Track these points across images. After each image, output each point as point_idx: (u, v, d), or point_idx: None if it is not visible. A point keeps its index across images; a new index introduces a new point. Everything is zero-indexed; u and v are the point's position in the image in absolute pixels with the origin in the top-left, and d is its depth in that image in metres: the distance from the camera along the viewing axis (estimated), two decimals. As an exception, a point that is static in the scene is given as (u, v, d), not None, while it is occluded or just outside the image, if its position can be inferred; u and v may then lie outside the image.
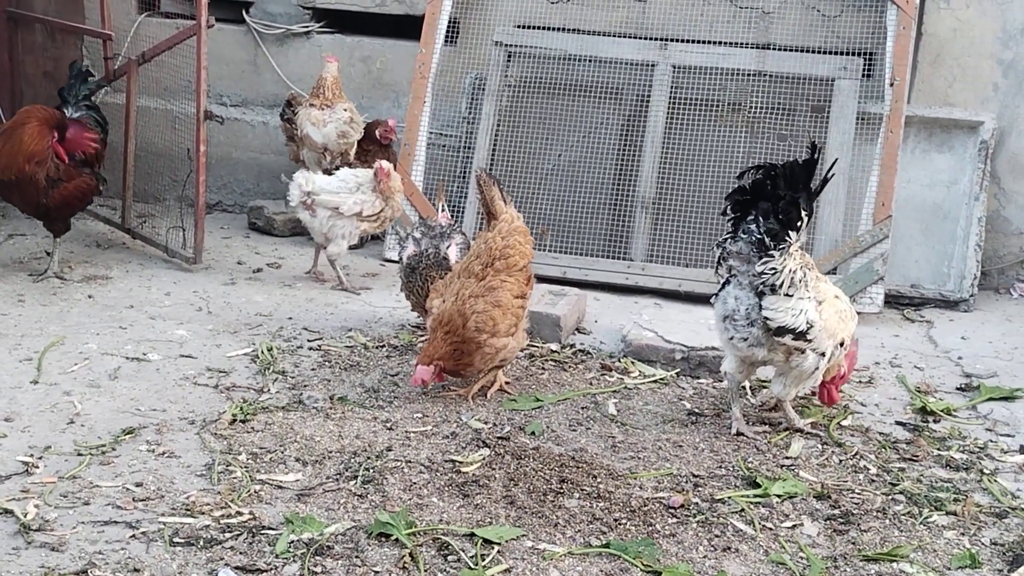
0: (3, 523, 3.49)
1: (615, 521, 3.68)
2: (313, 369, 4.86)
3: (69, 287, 5.75)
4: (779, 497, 3.90)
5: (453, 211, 6.30)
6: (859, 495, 3.97)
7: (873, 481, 4.09)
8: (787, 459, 4.23)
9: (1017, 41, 6.36)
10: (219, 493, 3.73)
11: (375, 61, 7.18)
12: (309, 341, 5.19)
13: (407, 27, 7.01)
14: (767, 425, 4.50)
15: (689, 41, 6.45)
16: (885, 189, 5.98)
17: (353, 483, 3.83)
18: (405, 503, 3.72)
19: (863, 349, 5.31)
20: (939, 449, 4.38)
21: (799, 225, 4.13)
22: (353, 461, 3.99)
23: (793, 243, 4.14)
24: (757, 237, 4.09)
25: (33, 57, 7.28)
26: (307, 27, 7.23)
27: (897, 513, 3.86)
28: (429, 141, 6.62)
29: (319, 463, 3.98)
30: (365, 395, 4.60)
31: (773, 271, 4.12)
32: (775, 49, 6.37)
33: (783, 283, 4.14)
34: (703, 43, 6.43)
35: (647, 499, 3.83)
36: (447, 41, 6.68)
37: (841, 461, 4.24)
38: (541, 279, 5.17)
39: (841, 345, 4.36)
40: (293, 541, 3.45)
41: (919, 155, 6.38)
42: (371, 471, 3.92)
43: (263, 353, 4.96)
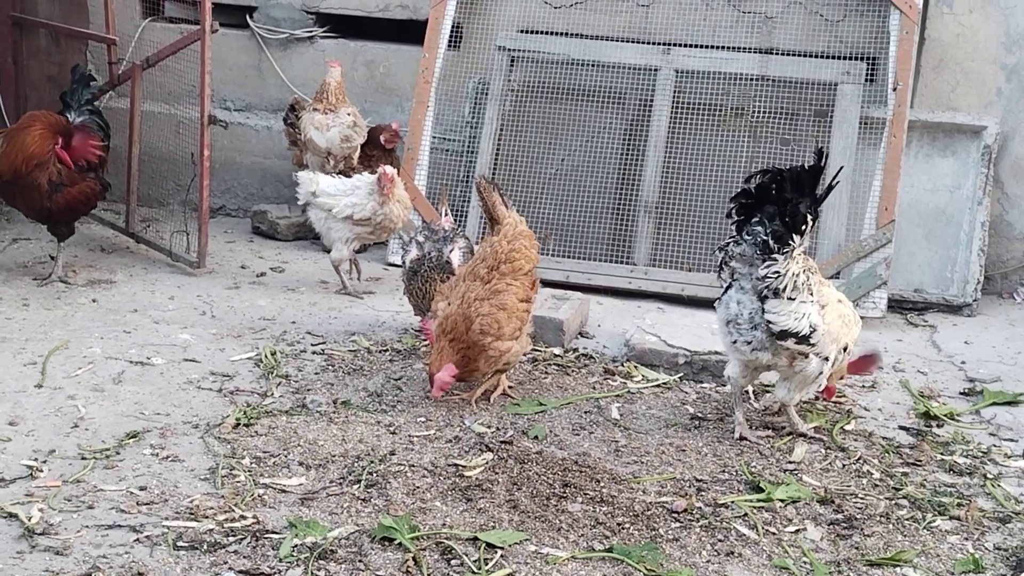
0: (7, 527, 3.50)
1: (618, 525, 3.68)
2: (316, 373, 4.86)
3: (73, 291, 5.76)
4: (782, 502, 3.90)
5: (456, 215, 6.30)
6: (862, 500, 3.96)
7: (876, 486, 4.09)
8: (790, 463, 4.22)
9: (1020, 46, 6.36)
10: (223, 497, 3.73)
11: (378, 66, 7.19)
12: (312, 345, 5.20)
13: (410, 32, 7.02)
14: (770, 429, 4.50)
15: (692, 46, 6.45)
16: (888, 193, 5.98)
17: (356, 487, 3.84)
18: (408, 507, 3.72)
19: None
20: (942, 454, 4.38)
21: (804, 229, 4.13)
22: (356, 465, 3.99)
23: (796, 247, 4.14)
24: (762, 239, 4.09)
25: (37, 62, 7.31)
26: (311, 32, 7.24)
27: (900, 518, 3.85)
28: (432, 145, 6.62)
29: (322, 467, 3.98)
30: (368, 399, 4.61)
31: (776, 274, 4.12)
32: (778, 54, 6.37)
33: (786, 287, 4.13)
34: (706, 48, 6.43)
35: (650, 503, 3.83)
36: (451, 46, 6.68)
37: (844, 466, 4.24)
38: (544, 283, 5.16)
39: (844, 350, 4.36)
40: (296, 545, 3.45)
41: (922, 160, 6.38)
42: (374, 475, 3.92)
43: (267, 357, 4.97)
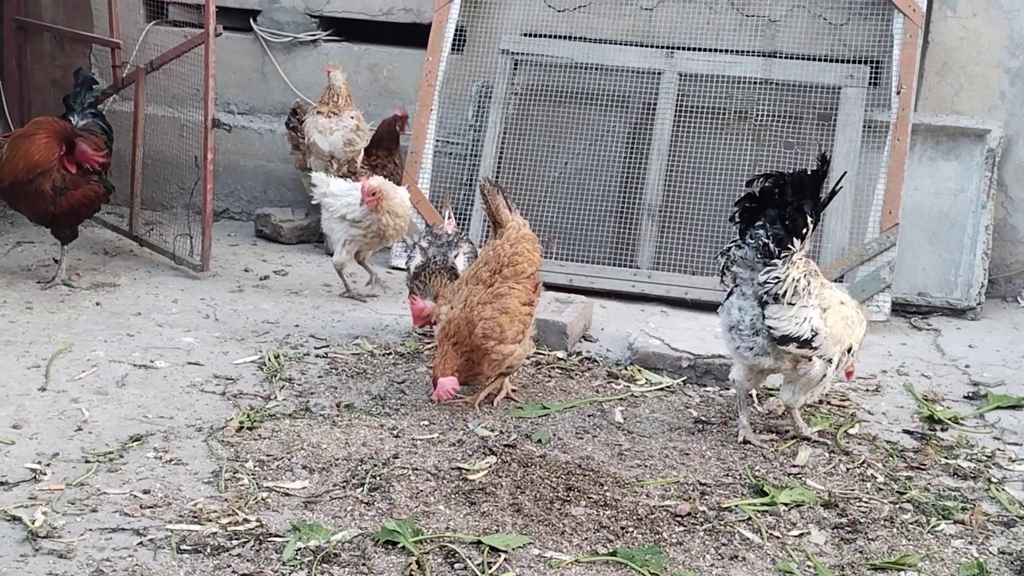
0: (11, 530, 3.50)
1: (622, 529, 3.68)
2: (320, 376, 4.86)
3: (77, 294, 5.77)
4: (786, 505, 3.89)
5: (460, 219, 6.32)
6: (866, 504, 3.96)
7: (880, 490, 4.08)
8: (794, 467, 4.22)
9: (1024, 50, 6.37)
10: (226, 500, 3.73)
11: (382, 69, 7.20)
12: (316, 348, 5.20)
13: (414, 35, 7.02)
14: (774, 433, 4.50)
15: (695, 49, 6.45)
16: (892, 197, 5.97)
17: (360, 491, 3.84)
18: (412, 511, 3.72)
19: (870, 357, 5.32)
20: (947, 458, 4.38)
21: (804, 233, 4.13)
22: (360, 468, 3.99)
23: (797, 251, 4.14)
24: (763, 242, 4.09)
25: (41, 65, 7.32)
26: (314, 35, 7.24)
27: (905, 522, 3.85)
28: (436, 149, 6.63)
29: (326, 470, 3.98)
30: (372, 402, 4.61)
31: (776, 280, 4.12)
32: (781, 57, 6.37)
33: (786, 292, 4.13)
34: (709, 51, 6.44)
35: (654, 507, 3.83)
36: (454, 49, 6.69)
37: (848, 469, 4.24)
38: (547, 287, 5.16)
39: (849, 351, 4.35)
40: (300, 549, 3.45)
41: (926, 163, 6.38)
42: (378, 478, 3.92)
43: (270, 360, 4.97)
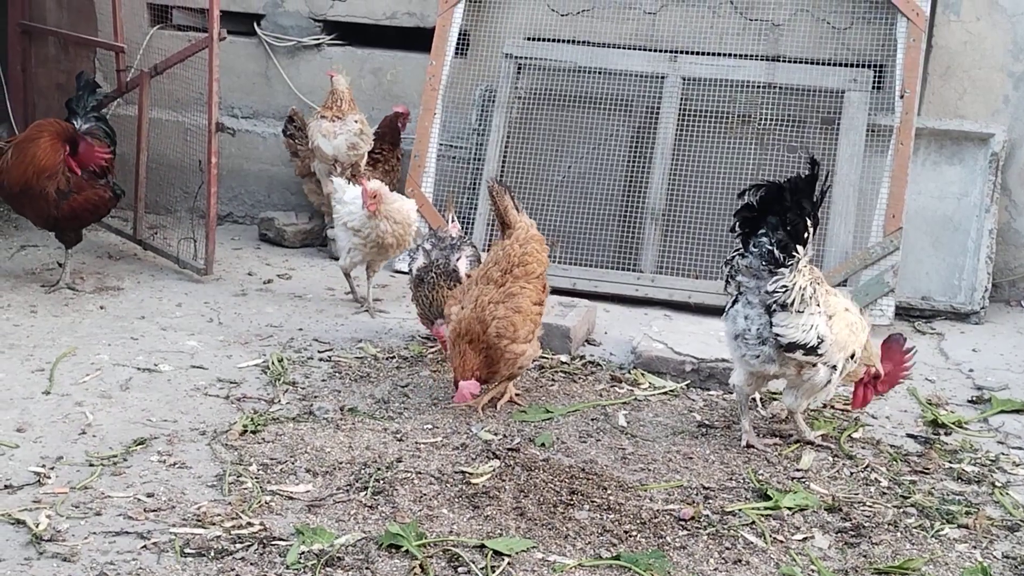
0: (15, 533, 3.50)
1: (625, 533, 3.68)
2: (323, 380, 4.87)
3: (81, 298, 5.77)
4: (790, 509, 3.89)
5: (463, 222, 6.31)
6: (870, 508, 3.95)
7: (884, 494, 4.08)
8: (798, 471, 4.22)
9: (1028, 54, 6.37)
10: (230, 504, 3.74)
11: (385, 73, 7.20)
12: (319, 352, 5.20)
13: (417, 39, 7.03)
14: (777, 437, 4.50)
15: (699, 53, 6.45)
16: (895, 201, 5.97)
17: (363, 494, 3.84)
18: (415, 514, 3.72)
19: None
20: (950, 462, 4.37)
21: (806, 237, 4.13)
22: (363, 472, 3.99)
23: (801, 258, 4.14)
24: (768, 249, 4.10)
25: (46, 69, 7.33)
26: (318, 39, 7.25)
27: (908, 526, 3.85)
28: (439, 152, 6.63)
29: (329, 474, 3.98)
30: (375, 406, 4.61)
31: (784, 288, 4.13)
32: (785, 61, 6.37)
33: (794, 301, 4.14)
34: (713, 55, 6.44)
35: (657, 511, 3.83)
36: (457, 53, 6.70)
37: (852, 473, 4.23)
38: (551, 291, 5.17)
39: (852, 357, 4.35)
40: (303, 552, 3.45)
41: (929, 167, 6.37)
42: (381, 482, 3.92)
43: (273, 364, 4.98)
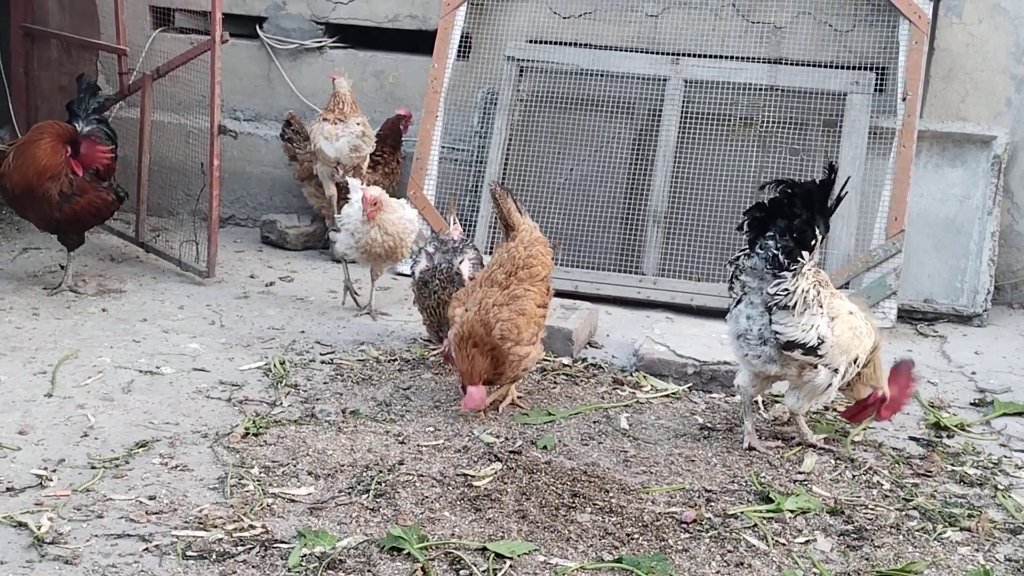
0: (17, 536, 3.51)
1: (627, 536, 3.67)
2: (325, 383, 4.87)
3: (83, 300, 5.78)
4: (792, 512, 3.89)
5: (464, 225, 6.31)
6: (872, 510, 3.95)
7: (887, 496, 4.08)
8: (800, 474, 4.21)
9: (1030, 56, 6.37)
10: (232, 507, 3.74)
11: (387, 76, 7.20)
12: (321, 355, 5.20)
13: (420, 42, 7.04)
14: (780, 440, 4.49)
15: (701, 56, 6.45)
16: (898, 203, 5.97)
17: (365, 497, 3.84)
18: (417, 517, 3.72)
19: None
20: (953, 464, 4.37)
21: (813, 245, 4.12)
22: (365, 475, 3.99)
23: (806, 263, 4.13)
24: (773, 253, 4.09)
25: (48, 72, 7.35)
26: (320, 42, 7.26)
27: (911, 529, 3.84)
28: (441, 155, 6.64)
29: (331, 477, 3.98)
30: (377, 408, 4.61)
31: (786, 292, 4.12)
32: (787, 64, 6.37)
33: (795, 303, 4.13)
34: (715, 58, 6.44)
35: (659, 514, 3.82)
36: (459, 56, 6.70)
37: (854, 476, 4.23)
38: (554, 293, 5.17)
39: (855, 362, 4.34)
40: (305, 555, 3.45)
41: (932, 169, 6.37)
42: (383, 485, 3.92)
43: (275, 366, 4.98)
